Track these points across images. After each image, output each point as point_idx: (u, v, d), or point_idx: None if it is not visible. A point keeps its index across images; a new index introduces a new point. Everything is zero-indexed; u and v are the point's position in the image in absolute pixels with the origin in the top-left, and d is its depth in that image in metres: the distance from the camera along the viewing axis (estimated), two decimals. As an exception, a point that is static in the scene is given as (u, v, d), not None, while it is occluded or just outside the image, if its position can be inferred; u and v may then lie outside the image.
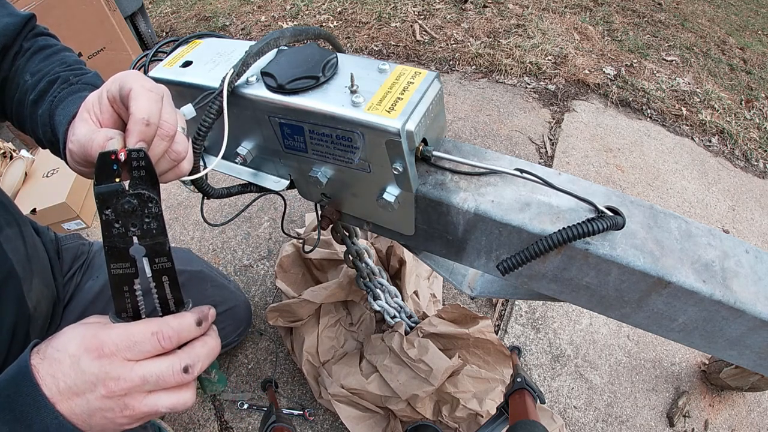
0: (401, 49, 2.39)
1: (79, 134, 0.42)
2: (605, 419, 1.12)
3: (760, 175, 1.88)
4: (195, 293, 0.94)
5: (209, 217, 1.57)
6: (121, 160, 0.37)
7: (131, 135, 0.40)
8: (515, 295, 0.71)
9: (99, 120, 0.43)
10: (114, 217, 0.37)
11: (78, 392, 0.37)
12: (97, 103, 0.43)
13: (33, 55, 0.58)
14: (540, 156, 1.82)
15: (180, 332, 0.39)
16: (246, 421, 1.12)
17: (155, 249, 0.39)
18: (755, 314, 0.46)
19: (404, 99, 0.48)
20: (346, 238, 0.84)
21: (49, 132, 0.54)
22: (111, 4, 1.94)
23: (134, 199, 0.38)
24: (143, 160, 0.38)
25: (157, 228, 0.40)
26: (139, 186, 0.38)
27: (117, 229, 0.38)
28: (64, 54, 0.60)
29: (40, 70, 0.56)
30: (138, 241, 0.39)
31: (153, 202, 0.39)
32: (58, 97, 0.53)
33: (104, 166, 0.37)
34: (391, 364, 0.99)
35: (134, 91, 0.41)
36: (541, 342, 1.25)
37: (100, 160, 0.36)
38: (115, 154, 0.37)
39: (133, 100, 0.40)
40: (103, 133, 0.40)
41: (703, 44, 2.66)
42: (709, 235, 0.51)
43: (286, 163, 0.61)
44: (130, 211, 0.38)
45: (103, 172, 0.37)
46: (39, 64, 0.57)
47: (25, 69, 0.57)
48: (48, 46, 0.60)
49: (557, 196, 0.51)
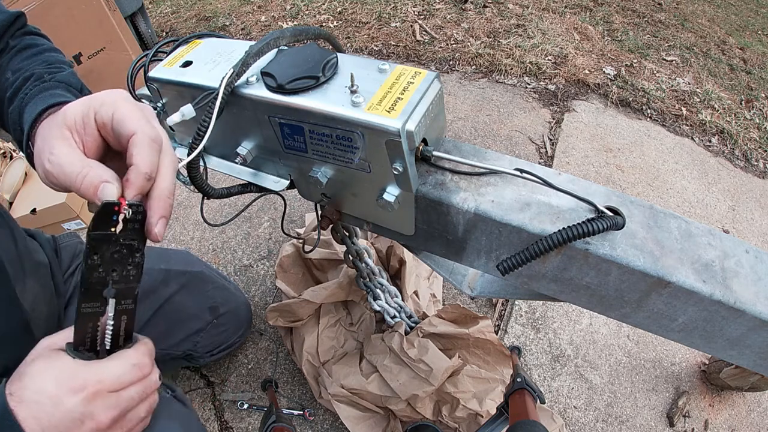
0: (401, 49, 2.39)
1: (61, 158, 0.38)
2: (605, 419, 1.12)
3: (760, 175, 1.88)
4: (196, 295, 0.94)
5: (209, 217, 1.57)
6: (123, 214, 0.37)
7: (131, 187, 0.38)
8: (515, 295, 0.71)
9: (83, 142, 0.40)
10: (99, 263, 0.38)
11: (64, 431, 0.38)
12: (82, 123, 0.40)
13: (17, 53, 0.56)
14: (540, 156, 1.82)
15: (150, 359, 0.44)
16: (246, 421, 1.12)
17: (125, 293, 0.41)
18: (755, 314, 0.46)
19: (404, 99, 0.48)
20: (346, 238, 0.84)
21: (18, 131, 0.51)
22: (111, 4, 1.94)
23: (124, 249, 0.39)
24: (140, 215, 0.38)
25: (135, 275, 0.41)
26: (130, 237, 0.39)
27: (99, 274, 0.38)
28: (49, 54, 0.58)
29: (21, 68, 0.54)
30: (112, 284, 0.39)
31: (139, 253, 0.40)
32: (29, 94, 0.51)
33: (105, 215, 0.36)
34: (391, 364, 0.99)
35: (138, 139, 0.39)
36: (541, 342, 1.25)
37: (103, 208, 0.36)
38: (118, 206, 0.37)
39: (137, 149, 0.38)
40: (97, 174, 0.37)
41: (703, 44, 2.66)
42: (709, 235, 0.51)
43: (286, 163, 0.61)
44: (117, 259, 0.39)
45: (102, 220, 0.36)
46: (22, 62, 0.55)
47: (7, 67, 0.55)
48: (34, 45, 0.58)
49: (557, 196, 0.51)
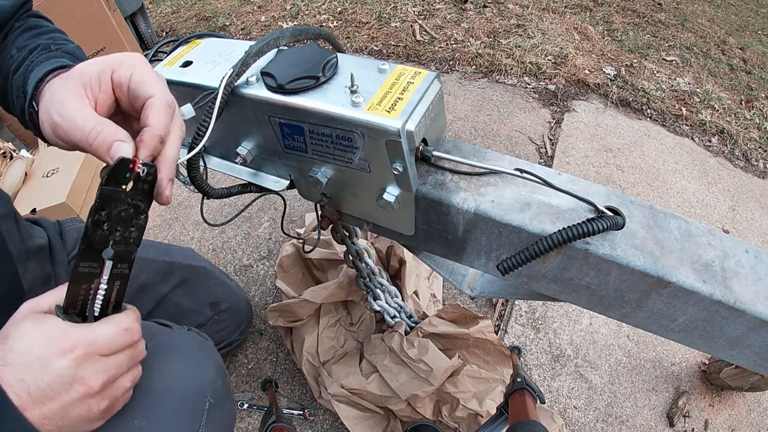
0: (401, 49, 2.39)
1: (73, 113, 0.39)
2: (605, 419, 1.12)
3: (760, 175, 1.88)
4: (199, 289, 0.95)
5: (209, 217, 1.57)
6: (137, 172, 0.38)
7: (145, 147, 0.39)
8: (515, 295, 0.71)
9: (95, 100, 0.41)
10: (104, 219, 0.38)
11: (52, 395, 0.36)
12: (97, 81, 0.41)
13: (23, 33, 0.56)
14: (540, 156, 1.82)
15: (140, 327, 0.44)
16: (246, 421, 1.12)
17: (123, 255, 0.41)
18: (755, 314, 0.46)
19: (404, 99, 0.48)
20: (346, 238, 0.84)
21: (21, 98, 0.51)
22: (111, 4, 1.94)
23: (131, 209, 0.39)
24: (151, 176, 0.39)
25: (135, 238, 0.41)
26: (138, 197, 0.39)
27: (102, 231, 0.38)
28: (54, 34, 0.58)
29: (26, 45, 0.54)
30: (112, 245, 0.39)
31: (144, 215, 0.40)
32: (34, 61, 0.51)
33: (119, 171, 0.37)
34: (391, 364, 0.99)
35: (155, 101, 0.40)
36: (541, 342, 1.25)
37: (118, 164, 0.36)
38: (133, 164, 0.37)
39: (153, 111, 0.40)
40: (111, 132, 0.38)
41: (703, 44, 2.66)
42: (709, 235, 0.51)
43: (286, 163, 0.61)
44: (123, 218, 0.39)
45: (116, 175, 0.37)
46: (27, 40, 0.55)
47: (13, 45, 0.55)
48: (39, 26, 0.58)
49: (557, 196, 0.51)
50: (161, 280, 0.88)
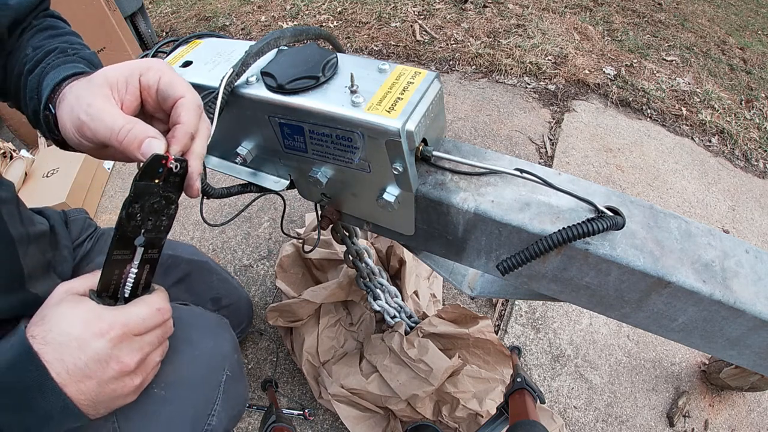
0: (401, 49, 2.39)
1: (102, 112, 0.40)
2: (605, 419, 1.12)
3: (760, 175, 1.88)
4: (201, 284, 0.95)
5: (209, 217, 1.57)
6: (170, 167, 0.40)
7: (177, 143, 0.41)
8: (515, 295, 0.71)
9: (121, 101, 0.43)
10: (137, 211, 0.40)
11: (89, 374, 0.39)
12: (125, 83, 0.43)
13: (39, 32, 0.58)
14: (540, 156, 1.82)
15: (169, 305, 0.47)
16: (246, 421, 1.12)
17: (153, 242, 0.43)
18: (755, 314, 0.46)
19: (404, 99, 0.48)
20: (346, 238, 0.84)
21: (35, 100, 0.52)
22: (111, 4, 1.94)
23: (163, 201, 0.42)
24: (182, 170, 0.41)
25: (166, 226, 0.44)
26: (169, 189, 0.41)
27: (135, 222, 0.41)
28: (70, 37, 0.60)
29: (42, 45, 0.55)
30: (144, 233, 0.42)
31: (175, 206, 0.43)
32: (50, 64, 0.52)
33: (153, 167, 0.39)
34: (391, 364, 0.99)
35: (187, 101, 0.42)
36: (541, 342, 1.25)
37: (153, 160, 0.39)
38: (166, 160, 0.39)
39: (185, 110, 0.42)
40: (142, 129, 0.40)
41: (703, 44, 2.66)
42: (709, 235, 0.51)
43: (286, 163, 0.61)
44: (156, 209, 0.41)
45: (150, 170, 0.39)
46: (43, 40, 0.56)
47: (28, 43, 0.56)
48: (56, 27, 0.59)
49: (557, 196, 0.51)
50: (163, 273, 0.89)
